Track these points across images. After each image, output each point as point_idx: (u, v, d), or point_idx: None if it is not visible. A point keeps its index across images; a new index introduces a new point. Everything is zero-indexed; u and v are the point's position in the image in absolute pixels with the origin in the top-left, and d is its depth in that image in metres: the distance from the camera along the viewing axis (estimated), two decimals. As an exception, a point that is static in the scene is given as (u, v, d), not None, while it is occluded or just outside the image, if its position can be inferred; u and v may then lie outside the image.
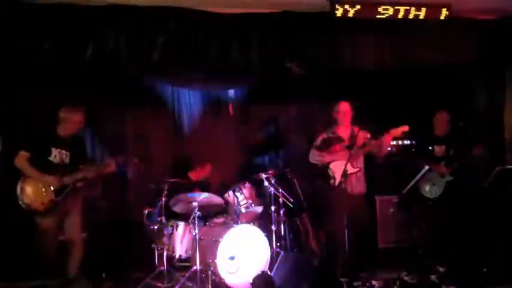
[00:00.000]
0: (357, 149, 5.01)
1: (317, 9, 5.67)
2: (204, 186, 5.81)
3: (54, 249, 4.42)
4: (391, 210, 6.26)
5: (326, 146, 5.26)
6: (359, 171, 5.26)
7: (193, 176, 5.83)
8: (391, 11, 5.57)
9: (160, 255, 4.98)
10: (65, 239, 4.60)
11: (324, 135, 5.36)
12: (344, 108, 5.39)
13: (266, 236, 5.04)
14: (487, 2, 5.71)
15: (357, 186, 5.20)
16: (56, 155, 4.46)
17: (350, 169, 5.03)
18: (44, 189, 4.36)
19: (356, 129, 5.29)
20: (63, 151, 4.51)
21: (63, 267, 4.52)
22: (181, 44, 5.38)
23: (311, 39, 5.71)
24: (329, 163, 5.25)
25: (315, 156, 5.34)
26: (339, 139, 5.28)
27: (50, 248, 4.40)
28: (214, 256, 4.71)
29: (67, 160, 4.52)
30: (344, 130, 5.37)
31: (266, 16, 5.63)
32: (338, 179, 5.12)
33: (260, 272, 4.59)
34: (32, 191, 4.33)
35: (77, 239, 4.66)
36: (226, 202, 5.41)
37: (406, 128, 5.05)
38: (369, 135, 5.31)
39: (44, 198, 4.35)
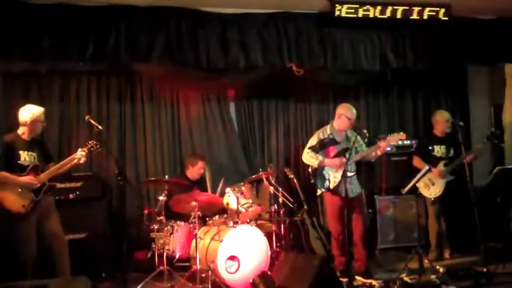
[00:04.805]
0: (351, 154, 4.93)
1: (317, 9, 5.68)
2: (202, 186, 5.82)
3: (35, 250, 4.41)
4: (391, 210, 6.26)
5: (321, 147, 5.22)
6: (354, 175, 5.24)
7: (189, 175, 5.83)
8: (391, 11, 5.57)
9: (160, 255, 4.98)
10: (50, 239, 4.55)
11: (320, 135, 5.32)
12: (352, 114, 5.19)
13: (266, 236, 5.04)
14: (487, 2, 5.71)
15: (353, 188, 5.18)
16: (25, 157, 4.49)
17: (348, 173, 4.99)
18: (21, 192, 4.37)
19: (351, 135, 5.24)
20: (31, 152, 4.54)
21: (53, 269, 4.51)
22: (181, 43, 5.38)
23: (311, 39, 5.71)
24: (323, 166, 5.20)
25: (309, 157, 5.27)
26: (334, 141, 5.22)
27: (32, 249, 4.39)
28: (214, 256, 4.71)
29: (36, 161, 4.55)
30: (340, 132, 5.28)
31: (266, 16, 5.64)
32: (333, 182, 5.11)
33: (260, 272, 4.58)
34: (11, 196, 4.34)
35: (63, 238, 4.65)
36: (226, 202, 5.41)
37: (403, 136, 5.00)
38: (363, 142, 5.28)
39: (24, 200, 4.37)
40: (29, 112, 4.55)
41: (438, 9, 5.64)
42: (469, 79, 6.98)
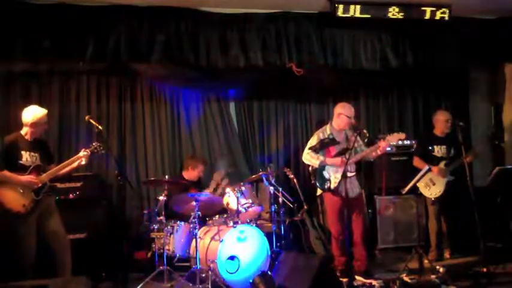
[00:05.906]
0: (351, 153, 4.92)
1: (317, 9, 5.68)
2: (199, 186, 5.81)
3: (34, 250, 4.41)
4: (391, 210, 6.26)
5: (321, 147, 5.21)
6: (354, 175, 5.24)
7: (186, 175, 5.83)
8: (391, 11, 5.57)
9: (160, 255, 4.98)
10: (51, 239, 4.54)
11: (320, 135, 5.31)
12: (350, 112, 5.19)
13: (266, 236, 5.04)
14: (487, 2, 5.71)
15: (353, 188, 5.18)
16: (27, 157, 4.50)
17: (348, 173, 4.99)
18: (22, 191, 4.38)
19: (351, 135, 5.23)
20: (33, 153, 4.55)
21: (53, 269, 4.51)
22: (181, 43, 5.38)
23: (311, 39, 5.71)
24: (324, 166, 5.19)
25: (309, 157, 5.24)
26: (334, 141, 5.22)
27: (32, 249, 4.39)
28: (214, 256, 4.71)
29: (38, 161, 4.56)
30: (339, 132, 5.26)
31: (266, 16, 5.64)
32: (334, 182, 5.10)
33: (260, 272, 4.58)
34: (12, 196, 4.34)
35: (64, 237, 4.64)
36: (226, 202, 5.41)
37: (402, 136, 4.99)
38: (363, 143, 5.27)
39: (25, 200, 4.37)
40: (31, 113, 4.55)
41: (438, 9, 5.64)
42: (469, 79, 6.98)
